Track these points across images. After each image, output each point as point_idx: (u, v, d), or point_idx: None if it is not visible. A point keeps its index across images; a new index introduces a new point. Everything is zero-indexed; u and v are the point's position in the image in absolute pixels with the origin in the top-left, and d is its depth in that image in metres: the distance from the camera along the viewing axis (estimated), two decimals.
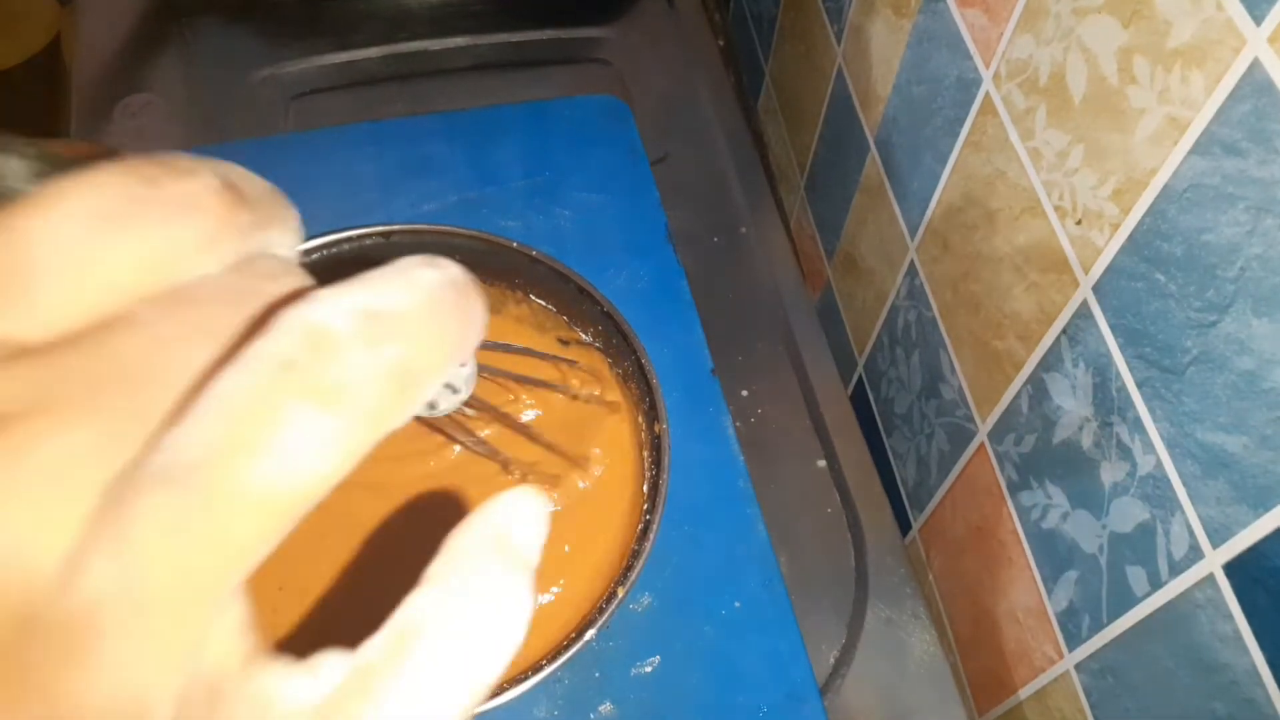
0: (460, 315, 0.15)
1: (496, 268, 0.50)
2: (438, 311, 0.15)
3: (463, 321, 0.15)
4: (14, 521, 0.12)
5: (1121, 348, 0.42)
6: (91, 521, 0.13)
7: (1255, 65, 0.32)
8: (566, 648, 0.42)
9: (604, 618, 0.42)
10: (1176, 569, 0.40)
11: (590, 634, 0.42)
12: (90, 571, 0.12)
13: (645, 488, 0.48)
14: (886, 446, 0.68)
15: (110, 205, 0.14)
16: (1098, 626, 0.46)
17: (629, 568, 0.44)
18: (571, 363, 0.50)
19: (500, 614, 0.15)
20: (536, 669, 0.41)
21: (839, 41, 0.67)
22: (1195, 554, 0.39)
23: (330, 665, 0.15)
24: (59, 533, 0.12)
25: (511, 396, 0.48)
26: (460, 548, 0.16)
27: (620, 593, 0.43)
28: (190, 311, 0.14)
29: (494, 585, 0.15)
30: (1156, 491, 0.41)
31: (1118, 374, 0.42)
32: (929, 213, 0.58)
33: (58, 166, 0.16)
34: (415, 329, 0.14)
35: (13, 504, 0.12)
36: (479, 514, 0.16)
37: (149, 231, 0.14)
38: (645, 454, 0.48)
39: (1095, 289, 0.43)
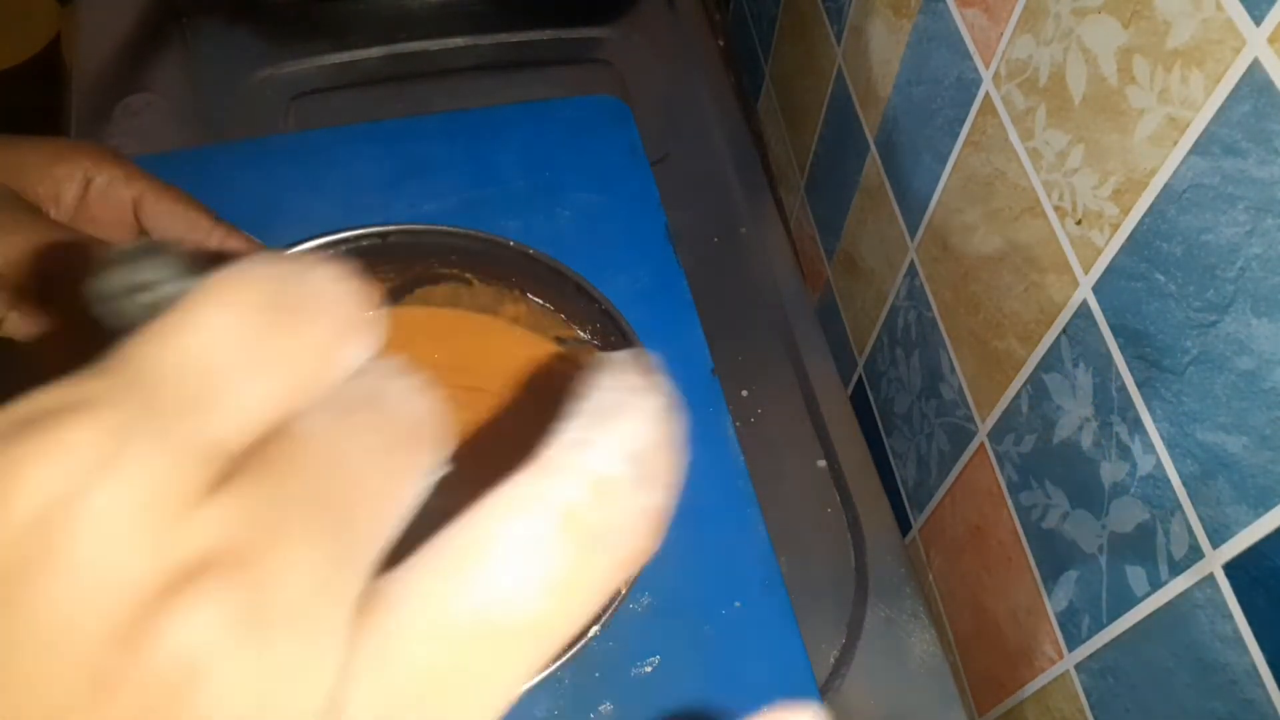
0: (679, 446, 0.17)
1: (493, 266, 0.50)
2: (671, 447, 0.16)
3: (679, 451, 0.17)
4: (279, 660, 0.12)
5: (1121, 348, 0.42)
6: (351, 661, 0.13)
7: (1255, 65, 0.32)
8: (567, 647, 0.42)
9: (604, 617, 0.42)
10: (1176, 569, 0.40)
11: (590, 633, 0.42)
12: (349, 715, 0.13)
13: None
14: (886, 446, 0.68)
15: (271, 298, 0.14)
16: (1097, 626, 0.46)
17: None
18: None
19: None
20: None
21: (839, 41, 0.67)
22: (1195, 554, 0.39)
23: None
24: (320, 670, 0.13)
25: None
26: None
27: (621, 592, 0.43)
28: (351, 419, 0.15)
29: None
30: (1156, 491, 0.41)
31: (1118, 374, 0.42)
32: (929, 213, 0.58)
33: (196, 265, 0.16)
34: (665, 470, 0.16)
35: (276, 642, 0.12)
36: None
37: (309, 323, 0.15)
38: None
39: (1095, 289, 0.43)
